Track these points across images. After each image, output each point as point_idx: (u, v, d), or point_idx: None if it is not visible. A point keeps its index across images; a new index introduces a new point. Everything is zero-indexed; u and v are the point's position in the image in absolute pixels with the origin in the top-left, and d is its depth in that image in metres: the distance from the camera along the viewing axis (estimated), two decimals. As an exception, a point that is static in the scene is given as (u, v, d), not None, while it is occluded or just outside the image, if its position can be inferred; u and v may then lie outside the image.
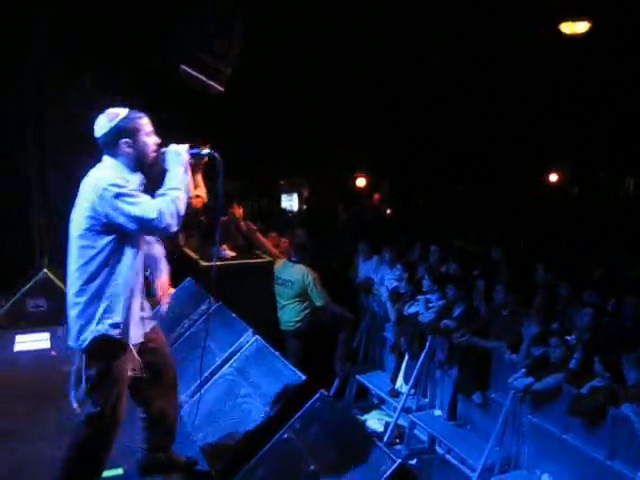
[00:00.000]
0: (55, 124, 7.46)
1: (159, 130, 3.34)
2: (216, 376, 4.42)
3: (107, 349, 3.14)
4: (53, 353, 5.87)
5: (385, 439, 7.20)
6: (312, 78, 12.11)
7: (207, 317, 4.95)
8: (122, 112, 3.19)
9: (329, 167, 14.74)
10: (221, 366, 4.50)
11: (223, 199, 3.41)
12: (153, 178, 3.32)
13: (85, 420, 3.21)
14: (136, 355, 3.27)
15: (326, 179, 15.27)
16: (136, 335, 3.26)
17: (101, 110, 3.23)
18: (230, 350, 4.55)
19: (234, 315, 4.98)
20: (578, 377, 5.52)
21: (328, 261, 9.09)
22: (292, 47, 11.33)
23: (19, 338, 6.28)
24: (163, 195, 3.12)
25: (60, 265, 7.10)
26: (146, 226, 3.06)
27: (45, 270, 6.94)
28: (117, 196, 3.02)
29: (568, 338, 5.94)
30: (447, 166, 14.40)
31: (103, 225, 3.07)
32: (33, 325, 6.59)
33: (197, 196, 3.47)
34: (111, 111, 3.20)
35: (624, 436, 5.03)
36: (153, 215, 3.02)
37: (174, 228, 3.12)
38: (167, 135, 3.38)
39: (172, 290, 6.28)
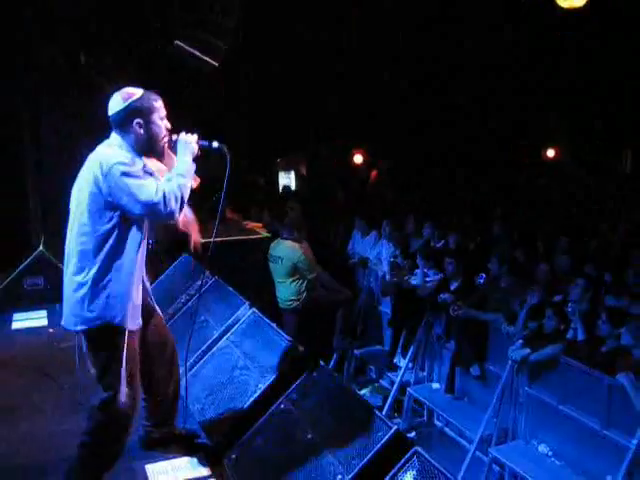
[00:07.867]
0: (50, 107, 7.41)
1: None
2: (213, 349, 4.43)
3: (108, 336, 3.09)
4: (51, 330, 5.87)
5: (384, 413, 7.22)
6: (311, 53, 12.00)
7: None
8: (138, 92, 3.13)
9: (326, 144, 14.66)
10: (218, 339, 4.51)
11: (225, 195, 3.35)
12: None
13: (100, 405, 3.15)
14: (136, 339, 3.23)
15: (323, 156, 15.18)
16: (135, 321, 3.19)
17: (96, 93, 3.19)
18: (227, 323, 4.55)
19: (230, 289, 4.98)
20: (575, 348, 5.55)
21: (325, 238, 9.07)
22: (290, 18, 11.23)
23: (17, 316, 6.30)
24: (169, 180, 3.07)
25: (56, 244, 7.15)
26: (150, 209, 2.99)
27: (41, 248, 6.93)
28: (123, 175, 2.96)
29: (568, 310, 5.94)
30: (445, 144, 14.31)
31: (106, 203, 2.99)
32: (30, 303, 6.59)
33: None
34: (126, 90, 3.14)
35: (619, 405, 5.07)
36: (158, 198, 2.97)
37: (177, 214, 3.08)
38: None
39: None
